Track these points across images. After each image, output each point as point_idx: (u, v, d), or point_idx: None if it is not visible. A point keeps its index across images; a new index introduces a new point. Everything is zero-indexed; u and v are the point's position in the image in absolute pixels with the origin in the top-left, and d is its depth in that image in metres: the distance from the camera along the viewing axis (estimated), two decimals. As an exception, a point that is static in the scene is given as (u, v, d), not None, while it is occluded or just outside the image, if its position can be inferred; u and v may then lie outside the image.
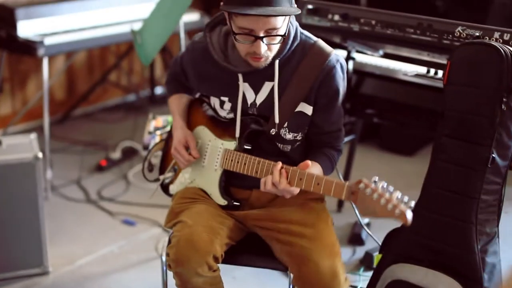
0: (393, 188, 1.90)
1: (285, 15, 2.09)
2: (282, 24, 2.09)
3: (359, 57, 3.16)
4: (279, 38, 2.12)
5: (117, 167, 4.27)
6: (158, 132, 3.22)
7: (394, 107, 3.06)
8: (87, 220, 3.66)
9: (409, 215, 1.83)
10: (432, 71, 2.94)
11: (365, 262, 3.18)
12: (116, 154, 4.34)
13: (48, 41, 3.89)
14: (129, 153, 4.39)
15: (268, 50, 2.13)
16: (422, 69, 3.00)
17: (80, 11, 4.21)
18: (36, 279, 3.10)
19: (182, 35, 3.18)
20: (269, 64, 2.21)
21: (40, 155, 3.01)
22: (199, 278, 2.13)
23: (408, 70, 3.04)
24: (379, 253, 2.51)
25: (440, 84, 2.77)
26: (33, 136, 3.21)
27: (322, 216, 2.29)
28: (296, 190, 2.10)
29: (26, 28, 3.94)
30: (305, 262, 2.13)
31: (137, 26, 3.32)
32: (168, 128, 3.21)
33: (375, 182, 1.91)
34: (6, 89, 4.72)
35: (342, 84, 2.27)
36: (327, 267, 2.12)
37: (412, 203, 1.86)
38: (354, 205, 2.10)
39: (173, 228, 2.24)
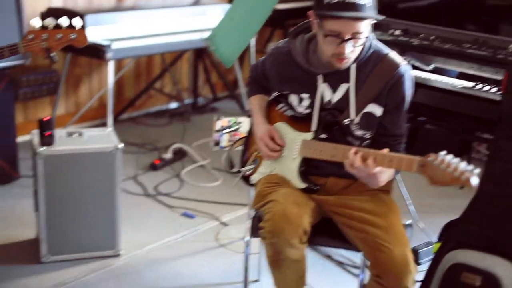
0: (459, 159, 2.16)
1: (372, 18, 2.40)
2: (365, 29, 2.40)
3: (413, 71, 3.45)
4: (362, 40, 2.42)
5: (169, 166, 4.56)
6: (225, 131, 3.52)
7: (442, 114, 3.36)
8: (148, 212, 3.94)
9: (474, 181, 2.08)
10: (479, 85, 3.24)
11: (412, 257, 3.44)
12: (168, 155, 4.62)
13: (115, 45, 4.19)
14: (180, 154, 4.69)
15: (351, 52, 2.43)
16: (468, 83, 3.29)
17: (143, 19, 4.54)
18: (110, 261, 3.37)
19: (253, 42, 3.48)
20: (346, 68, 2.51)
21: (120, 145, 3.29)
22: (291, 249, 2.41)
23: (455, 84, 3.33)
24: (438, 241, 2.78)
25: (486, 95, 3.09)
26: (109, 129, 3.49)
27: (391, 207, 2.58)
28: (371, 168, 2.33)
29: (94, 33, 4.25)
30: (379, 249, 2.40)
31: (205, 35, 3.63)
32: (233, 128, 3.53)
33: (442, 155, 2.18)
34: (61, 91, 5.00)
35: (408, 92, 2.56)
36: (400, 254, 2.39)
37: (477, 170, 2.10)
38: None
39: (264, 207, 2.51)
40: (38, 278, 3.21)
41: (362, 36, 2.41)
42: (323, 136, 2.57)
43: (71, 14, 4.35)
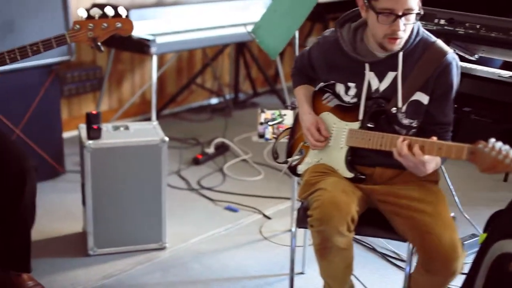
0: (509, 146, 2.14)
1: None
2: (415, 6, 2.41)
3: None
4: (413, 18, 2.42)
5: (212, 161, 4.59)
6: (270, 123, 3.53)
7: (487, 104, 3.32)
8: (192, 206, 3.98)
9: None
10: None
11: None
12: (210, 149, 4.65)
13: (159, 40, 4.24)
14: (222, 149, 4.72)
15: (403, 31, 2.43)
16: (515, 73, 3.26)
17: (186, 14, 4.59)
18: (156, 253, 3.41)
19: (297, 35, 3.49)
20: (393, 56, 2.51)
21: (166, 139, 3.31)
22: (339, 237, 2.40)
23: (502, 73, 3.30)
24: (484, 232, 2.76)
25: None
26: (155, 122, 3.52)
27: (439, 196, 2.56)
28: (419, 156, 2.32)
29: (138, 28, 4.29)
30: (427, 234, 2.39)
31: (247, 29, 3.65)
32: (277, 120, 3.53)
33: (492, 142, 2.15)
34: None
35: (456, 80, 2.55)
36: (448, 240, 2.37)
37: None
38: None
39: (311, 195, 2.51)
40: (85, 270, 3.26)
41: (413, 13, 2.41)
42: (370, 125, 2.57)
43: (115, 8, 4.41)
